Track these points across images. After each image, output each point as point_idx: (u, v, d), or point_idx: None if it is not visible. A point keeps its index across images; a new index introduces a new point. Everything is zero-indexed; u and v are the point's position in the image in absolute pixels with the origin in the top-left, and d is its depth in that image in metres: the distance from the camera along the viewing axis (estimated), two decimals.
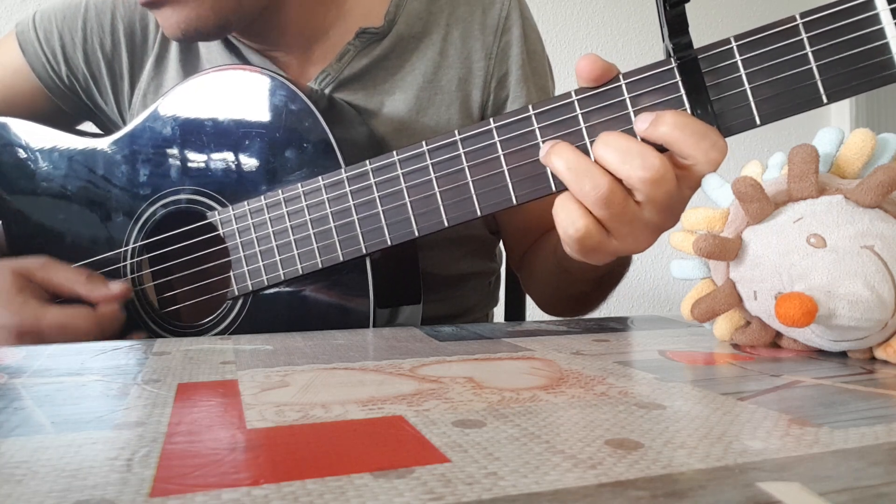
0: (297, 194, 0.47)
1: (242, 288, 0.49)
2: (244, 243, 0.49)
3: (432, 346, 0.38)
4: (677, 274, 0.41)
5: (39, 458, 0.19)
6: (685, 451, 0.19)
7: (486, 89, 0.63)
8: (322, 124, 0.48)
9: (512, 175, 0.42)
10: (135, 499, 0.16)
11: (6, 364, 0.33)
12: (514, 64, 0.63)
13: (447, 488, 0.16)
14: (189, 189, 0.51)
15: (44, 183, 0.56)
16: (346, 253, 0.46)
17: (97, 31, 0.62)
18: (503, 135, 0.42)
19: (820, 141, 0.37)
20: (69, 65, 0.63)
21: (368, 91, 0.60)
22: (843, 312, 0.30)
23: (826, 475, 0.17)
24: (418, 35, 0.62)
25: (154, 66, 0.63)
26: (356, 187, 0.45)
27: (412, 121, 0.61)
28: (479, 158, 0.42)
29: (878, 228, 0.32)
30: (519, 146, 0.42)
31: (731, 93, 0.38)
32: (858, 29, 0.37)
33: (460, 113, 0.62)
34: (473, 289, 0.70)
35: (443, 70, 0.62)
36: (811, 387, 0.27)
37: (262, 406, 0.24)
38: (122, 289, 0.50)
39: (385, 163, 0.44)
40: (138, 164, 0.53)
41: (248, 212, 0.49)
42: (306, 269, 0.47)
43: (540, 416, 0.23)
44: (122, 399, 0.25)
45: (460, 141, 0.43)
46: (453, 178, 0.43)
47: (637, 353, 0.35)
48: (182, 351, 0.36)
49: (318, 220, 0.46)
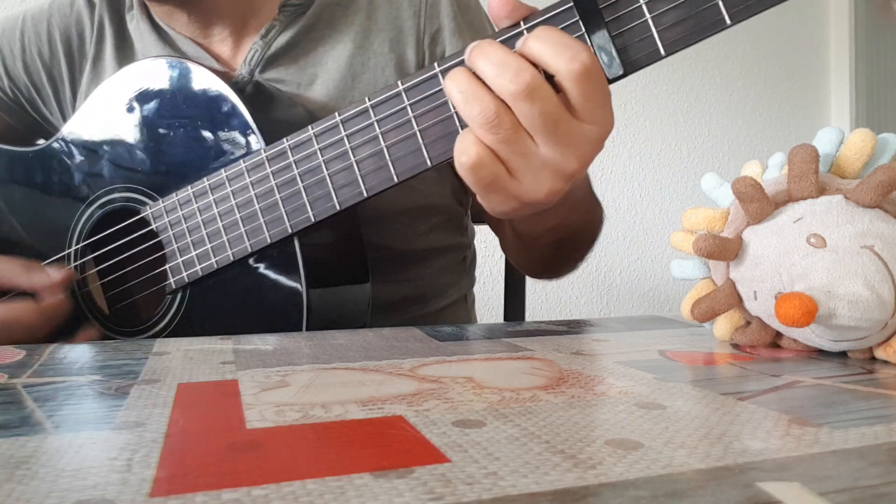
0: (221, 181, 0.47)
1: (179, 280, 0.49)
2: (176, 235, 0.49)
3: (432, 346, 0.38)
4: (677, 274, 0.41)
5: (39, 458, 0.19)
6: (685, 451, 0.19)
7: (420, 47, 0.62)
8: (240, 108, 0.47)
9: (425, 136, 0.41)
10: (135, 499, 0.16)
11: (6, 364, 0.33)
12: (445, 18, 0.62)
13: (447, 488, 0.16)
14: (122, 187, 0.51)
15: None
16: (273, 234, 0.46)
17: (34, 41, 0.64)
18: (413, 97, 0.41)
19: (820, 141, 0.37)
20: (10, 76, 0.65)
21: (300, 63, 0.60)
22: (843, 312, 0.30)
23: (826, 475, 0.17)
24: (343, 2, 0.62)
25: (92, 68, 0.63)
26: (277, 167, 0.45)
27: (348, 87, 0.60)
28: (392, 123, 0.42)
29: (878, 228, 0.32)
30: (430, 105, 0.41)
31: (633, 25, 0.37)
32: None
33: (396, 74, 0.61)
34: (444, 267, 0.68)
35: (373, 34, 0.61)
36: (811, 387, 0.27)
37: (262, 406, 0.24)
38: (64, 274, 0.50)
39: (301, 138, 0.44)
40: (73, 168, 0.54)
41: (177, 203, 0.49)
42: (237, 254, 0.47)
43: (540, 416, 0.23)
44: (122, 399, 0.25)
45: (371, 108, 0.42)
46: (369, 146, 0.42)
47: (637, 353, 0.35)
48: (182, 351, 0.36)
49: (243, 205, 0.46)
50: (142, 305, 0.54)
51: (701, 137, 1.94)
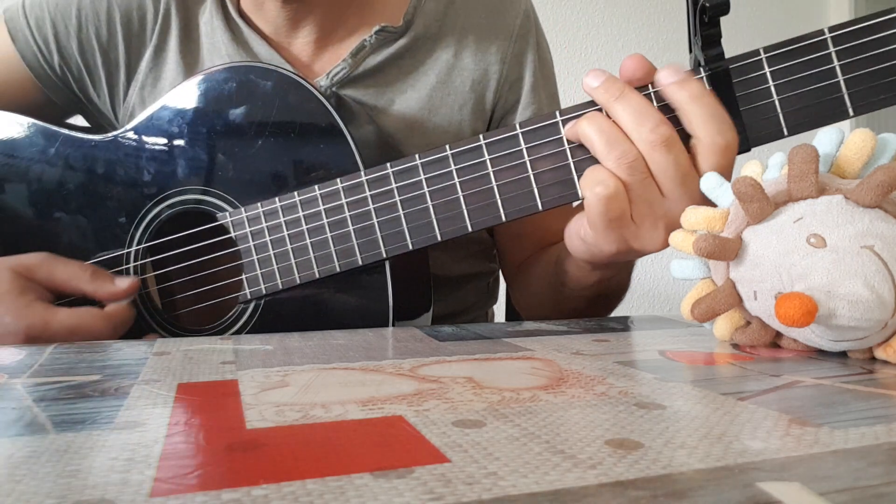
0: (313, 196, 0.46)
1: (255, 291, 0.49)
2: (257, 246, 0.48)
3: (432, 346, 0.38)
4: (677, 274, 0.41)
5: (39, 458, 0.19)
6: (685, 451, 0.19)
7: (499, 91, 0.64)
8: (340, 125, 0.47)
9: (538, 180, 0.43)
10: (135, 499, 0.16)
11: (6, 364, 0.33)
12: (527, 69, 0.64)
13: (447, 488, 0.16)
14: (197, 189, 0.50)
15: (38, 181, 0.54)
16: (366, 257, 0.46)
17: (92, 19, 0.60)
18: (530, 141, 0.42)
19: (820, 141, 0.37)
20: (62, 54, 0.61)
21: (380, 88, 0.60)
22: (843, 312, 0.30)
23: (826, 475, 0.17)
24: (434, 36, 0.62)
25: (152, 58, 0.61)
26: (377, 191, 0.45)
27: (424, 119, 0.61)
28: (504, 164, 0.43)
29: (878, 228, 0.32)
30: (547, 152, 0.42)
31: (760, 104, 0.39)
32: (886, 45, 0.37)
33: (473, 114, 0.62)
34: (473, 289, 0.70)
35: (456, 71, 0.62)
36: (811, 387, 0.27)
37: (262, 406, 0.24)
38: (130, 284, 0.48)
39: (407, 166, 0.44)
40: (142, 163, 0.51)
41: (261, 214, 0.48)
42: (323, 272, 0.46)
43: (540, 416, 0.23)
44: (122, 399, 0.25)
45: (486, 146, 0.43)
46: (478, 182, 0.43)
47: (637, 353, 0.35)
48: (182, 351, 0.36)
49: (335, 224, 0.46)
50: (206, 311, 0.52)
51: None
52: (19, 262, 0.47)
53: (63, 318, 0.45)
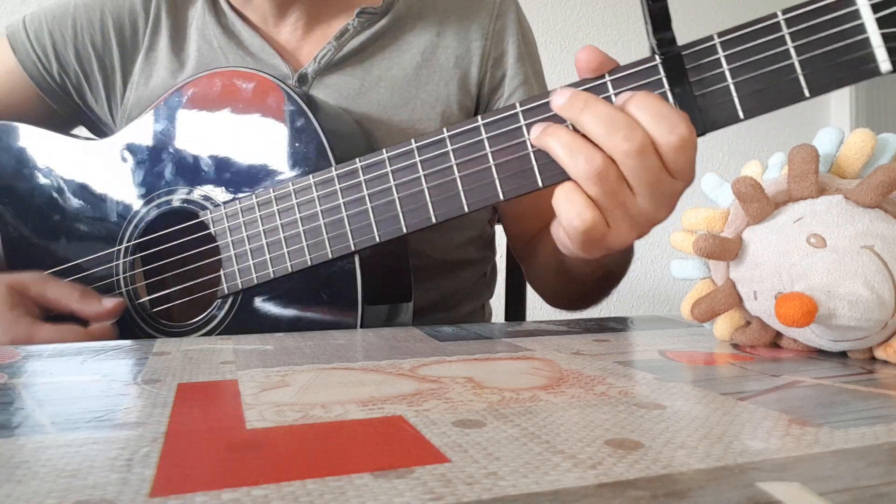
0: (287, 192, 0.47)
1: (232, 286, 0.50)
2: (234, 241, 0.49)
3: (432, 346, 0.38)
4: (677, 274, 0.41)
5: (39, 458, 0.19)
6: (685, 451, 0.19)
7: (483, 67, 0.65)
8: (314, 124, 0.48)
9: (499, 171, 0.42)
10: (135, 499, 0.16)
11: (6, 364, 0.33)
12: (510, 45, 0.66)
13: (447, 488, 0.16)
14: (183, 189, 0.52)
15: (39, 184, 0.56)
16: (335, 250, 0.46)
17: (87, 27, 0.63)
18: (490, 132, 0.42)
19: (820, 141, 0.37)
20: (60, 62, 0.64)
21: (365, 67, 0.62)
22: (843, 312, 0.30)
23: (826, 475, 0.17)
24: (416, 16, 0.64)
25: (144, 59, 0.64)
26: (346, 185, 0.46)
27: (411, 96, 0.62)
28: (467, 155, 0.43)
29: (878, 228, 0.32)
30: (506, 143, 0.42)
31: (715, 88, 0.39)
32: (839, 24, 0.37)
33: (459, 89, 0.64)
34: (469, 278, 0.71)
35: (440, 49, 0.64)
36: (811, 387, 0.27)
37: (262, 406, 0.24)
38: (115, 304, 0.51)
39: (374, 160, 0.45)
40: (134, 166, 0.54)
41: (239, 210, 0.49)
42: (296, 266, 0.47)
43: (540, 416, 0.23)
44: (122, 399, 0.25)
45: (448, 138, 0.43)
46: (441, 174, 0.43)
47: (637, 353, 0.35)
48: (182, 351, 0.36)
49: (307, 218, 0.47)
50: (185, 307, 0.54)
51: (701, 137, 1.94)
52: (16, 279, 0.50)
53: (46, 332, 0.48)
